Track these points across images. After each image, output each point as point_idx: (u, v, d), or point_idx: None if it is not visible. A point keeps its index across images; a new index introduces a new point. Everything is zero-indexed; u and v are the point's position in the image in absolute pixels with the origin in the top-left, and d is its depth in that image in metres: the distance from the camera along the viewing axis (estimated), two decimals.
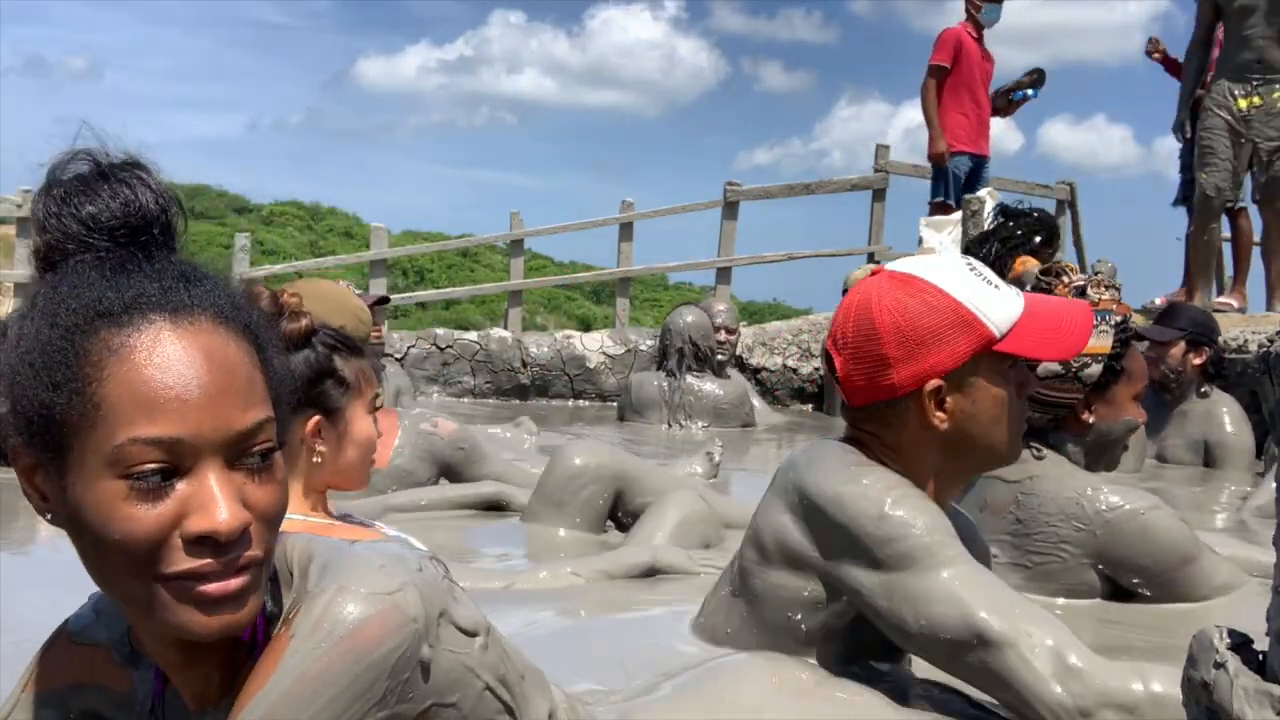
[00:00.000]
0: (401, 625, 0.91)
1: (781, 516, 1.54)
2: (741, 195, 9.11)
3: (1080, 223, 9.68)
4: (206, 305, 0.89)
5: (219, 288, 0.92)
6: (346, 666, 0.89)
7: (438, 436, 3.07)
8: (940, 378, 1.48)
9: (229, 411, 0.86)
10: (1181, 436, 4.12)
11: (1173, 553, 2.12)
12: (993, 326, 1.48)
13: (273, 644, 0.92)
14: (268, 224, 28.13)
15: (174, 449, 0.85)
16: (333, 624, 0.89)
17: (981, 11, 7.62)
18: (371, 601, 0.90)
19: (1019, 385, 1.55)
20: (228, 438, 0.86)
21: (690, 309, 5.79)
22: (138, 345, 0.86)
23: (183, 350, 0.86)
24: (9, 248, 8.65)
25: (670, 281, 26.93)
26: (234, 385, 0.87)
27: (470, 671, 0.97)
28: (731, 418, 5.47)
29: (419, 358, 6.87)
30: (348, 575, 0.92)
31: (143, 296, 0.88)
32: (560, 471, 2.77)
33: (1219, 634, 1.07)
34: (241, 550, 0.86)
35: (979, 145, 7.80)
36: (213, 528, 0.84)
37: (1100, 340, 2.13)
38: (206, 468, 0.86)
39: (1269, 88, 5.62)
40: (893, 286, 1.50)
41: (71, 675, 1.09)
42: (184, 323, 0.88)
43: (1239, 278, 6.47)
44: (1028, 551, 2.18)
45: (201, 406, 0.85)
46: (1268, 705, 0.98)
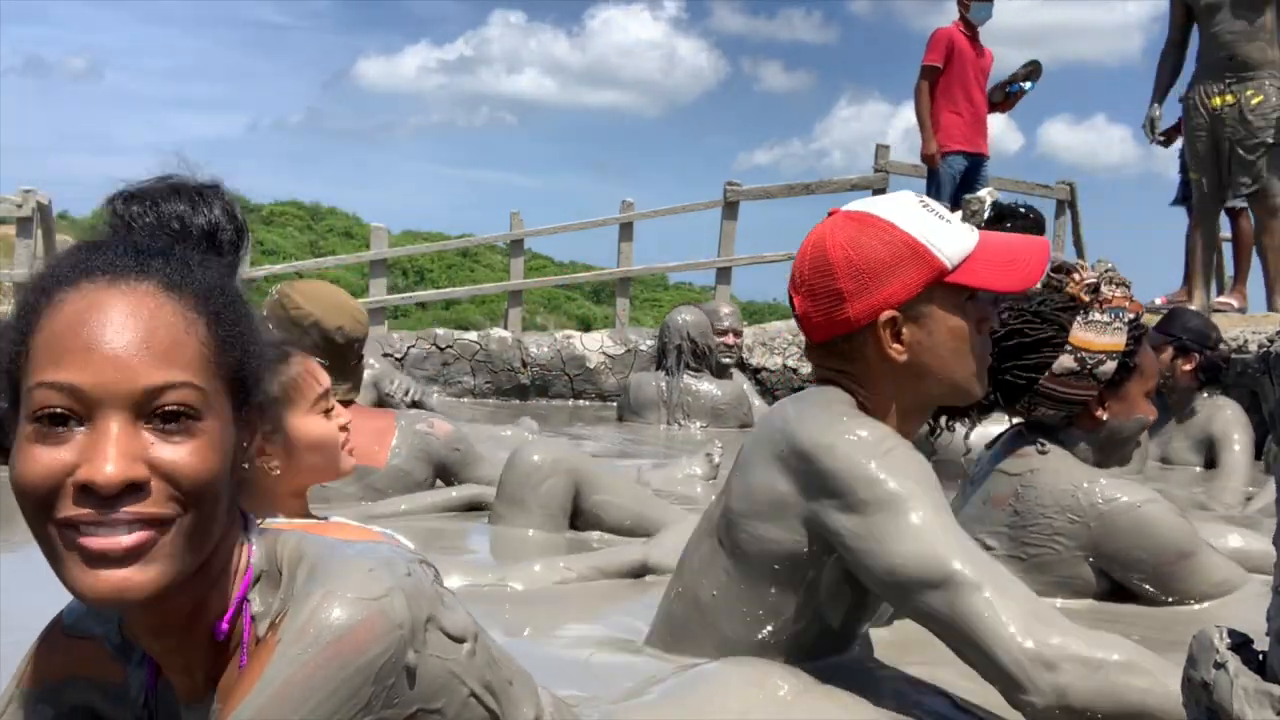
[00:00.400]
0: (387, 631, 0.91)
1: (769, 466, 1.53)
2: (741, 195, 9.12)
3: (1080, 223, 9.67)
4: (156, 273, 0.92)
5: (194, 266, 0.95)
6: (332, 672, 0.89)
7: (434, 436, 3.08)
8: (894, 309, 1.52)
9: (137, 367, 0.88)
10: (1183, 437, 4.12)
11: (1170, 547, 2.10)
12: (944, 258, 1.51)
13: (260, 649, 0.92)
14: (268, 224, 28.12)
15: (75, 395, 0.87)
16: (319, 629, 0.89)
17: (970, 10, 7.63)
18: (358, 607, 0.90)
19: (979, 320, 1.58)
20: (130, 391, 0.87)
21: (689, 308, 5.78)
22: (69, 300, 0.90)
23: (107, 307, 0.89)
24: (9, 248, 8.65)
25: (670, 281, 26.94)
26: (150, 343, 0.89)
27: (456, 678, 0.97)
28: (729, 418, 5.47)
29: (419, 358, 6.87)
30: (335, 580, 0.92)
31: (93, 261, 0.92)
32: (519, 468, 2.75)
33: (1219, 634, 1.07)
34: (131, 504, 0.87)
35: (975, 144, 7.79)
36: (90, 477, 0.86)
37: (1114, 337, 2.14)
38: (109, 419, 0.87)
39: (1241, 85, 5.60)
40: (846, 223, 1.55)
41: (66, 668, 1.10)
42: (121, 284, 0.91)
43: (1239, 278, 6.47)
44: (1023, 544, 2.17)
45: (106, 358, 0.87)
46: (1268, 705, 0.98)
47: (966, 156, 7.76)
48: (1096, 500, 2.11)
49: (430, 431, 3.08)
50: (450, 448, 3.11)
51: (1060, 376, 2.14)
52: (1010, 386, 2.17)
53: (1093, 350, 2.13)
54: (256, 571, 0.98)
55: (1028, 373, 2.15)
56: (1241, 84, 5.59)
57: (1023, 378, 2.15)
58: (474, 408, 6.49)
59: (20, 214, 7.37)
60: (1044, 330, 2.15)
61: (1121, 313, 2.16)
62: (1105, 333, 2.14)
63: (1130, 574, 2.13)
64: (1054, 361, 2.14)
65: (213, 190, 1.02)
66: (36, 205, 7.40)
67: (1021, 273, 1.55)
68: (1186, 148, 6.00)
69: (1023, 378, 2.15)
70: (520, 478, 2.74)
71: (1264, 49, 5.57)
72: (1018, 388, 2.17)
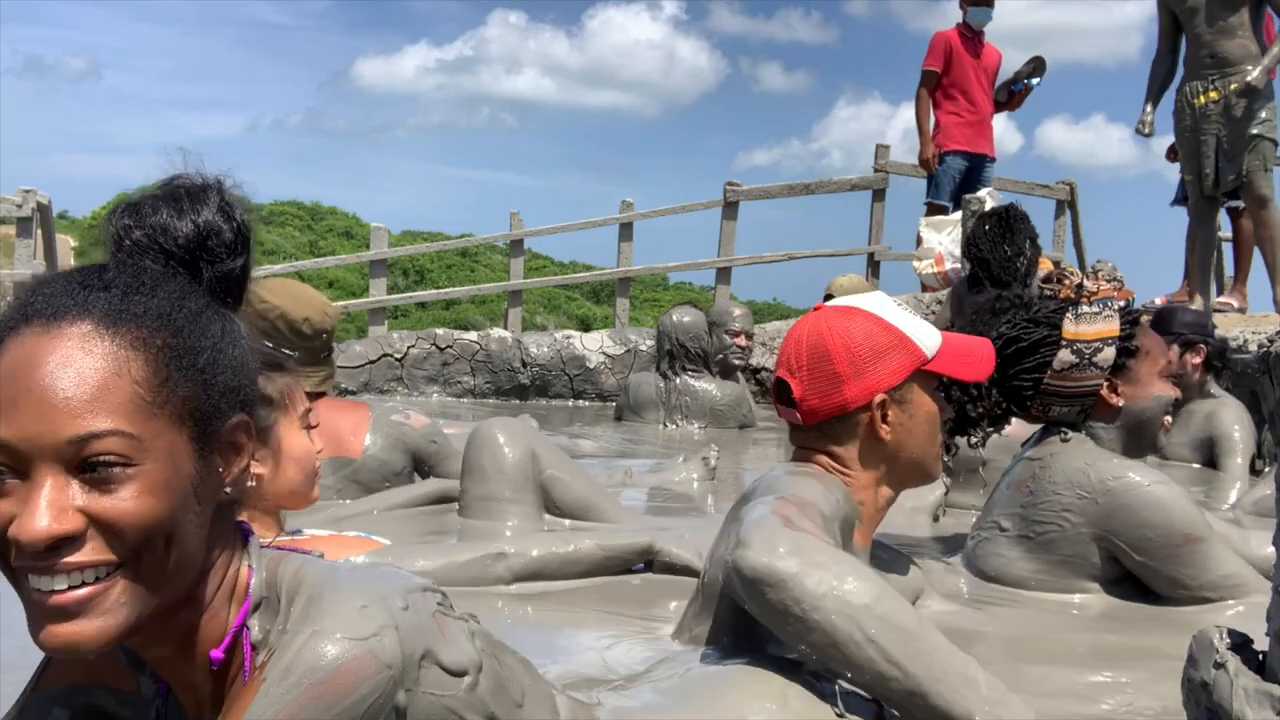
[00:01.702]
0: (375, 672, 0.90)
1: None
2: (741, 195, 9.11)
3: (1080, 223, 9.66)
4: (94, 312, 0.90)
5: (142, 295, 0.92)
6: (316, 713, 0.88)
7: (409, 427, 3.09)
8: (885, 392, 1.67)
9: (59, 419, 0.86)
10: (1184, 435, 4.11)
11: (1177, 529, 2.07)
12: (924, 349, 1.69)
13: (249, 685, 0.91)
14: (267, 224, 28.09)
15: (6, 451, 0.86)
16: (304, 670, 0.88)
17: (969, 14, 7.66)
18: (345, 647, 0.89)
19: (940, 408, 1.76)
20: (54, 444, 0.86)
21: (687, 309, 5.76)
22: (8, 349, 0.89)
23: (37, 357, 0.88)
24: (9, 248, 8.65)
25: (670, 281, 26.94)
26: (75, 394, 0.87)
27: (453, 713, 0.96)
28: (728, 419, 5.45)
29: (419, 358, 6.87)
30: (325, 618, 0.91)
31: (36, 303, 0.91)
32: (486, 443, 2.76)
33: (1219, 634, 1.07)
34: (68, 554, 0.86)
35: (976, 145, 7.80)
36: (18, 534, 0.86)
37: (1105, 325, 2.19)
38: (42, 473, 0.86)
39: (1224, 81, 5.62)
40: (836, 315, 1.70)
41: (81, 674, 1.09)
42: (54, 329, 0.89)
43: (1239, 278, 6.46)
44: (1032, 521, 2.19)
45: (29, 411, 0.86)
46: (1268, 705, 0.98)
47: (967, 157, 7.77)
48: (1106, 477, 2.12)
49: (406, 422, 3.10)
50: (427, 439, 3.12)
51: (1063, 372, 2.18)
52: (1018, 392, 2.21)
53: (1087, 340, 2.18)
54: (256, 598, 0.96)
55: (1030, 374, 2.20)
56: (1224, 79, 5.61)
57: (1027, 379, 2.20)
58: (474, 408, 6.49)
59: (20, 214, 7.36)
60: (1038, 332, 2.21)
61: (1110, 302, 2.22)
62: (1095, 322, 2.19)
63: (1136, 555, 2.10)
64: (1053, 360, 2.17)
65: (207, 191, 1.01)
66: (36, 205, 7.39)
67: (978, 366, 1.75)
68: (1179, 148, 6.02)
69: (1027, 379, 2.20)
70: (490, 452, 2.74)
71: (1244, 44, 5.59)
72: (1025, 392, 2.21)
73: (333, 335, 2.96)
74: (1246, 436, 4.02)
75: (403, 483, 3.08)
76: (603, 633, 1.92)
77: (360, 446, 2.98)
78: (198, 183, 1.01)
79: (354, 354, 6.74)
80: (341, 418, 2.99)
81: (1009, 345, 2.20)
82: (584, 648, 1.84)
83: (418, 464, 3.13)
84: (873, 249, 9.25)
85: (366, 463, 2.98)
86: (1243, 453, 3.99)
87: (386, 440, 3.03)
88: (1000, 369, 2.15)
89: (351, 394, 6.53)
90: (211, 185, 1.01)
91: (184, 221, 0.98)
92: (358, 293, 13.30)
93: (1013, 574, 2.22)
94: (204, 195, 1.00)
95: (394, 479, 3.04)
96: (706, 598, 1.67)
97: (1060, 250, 9.31)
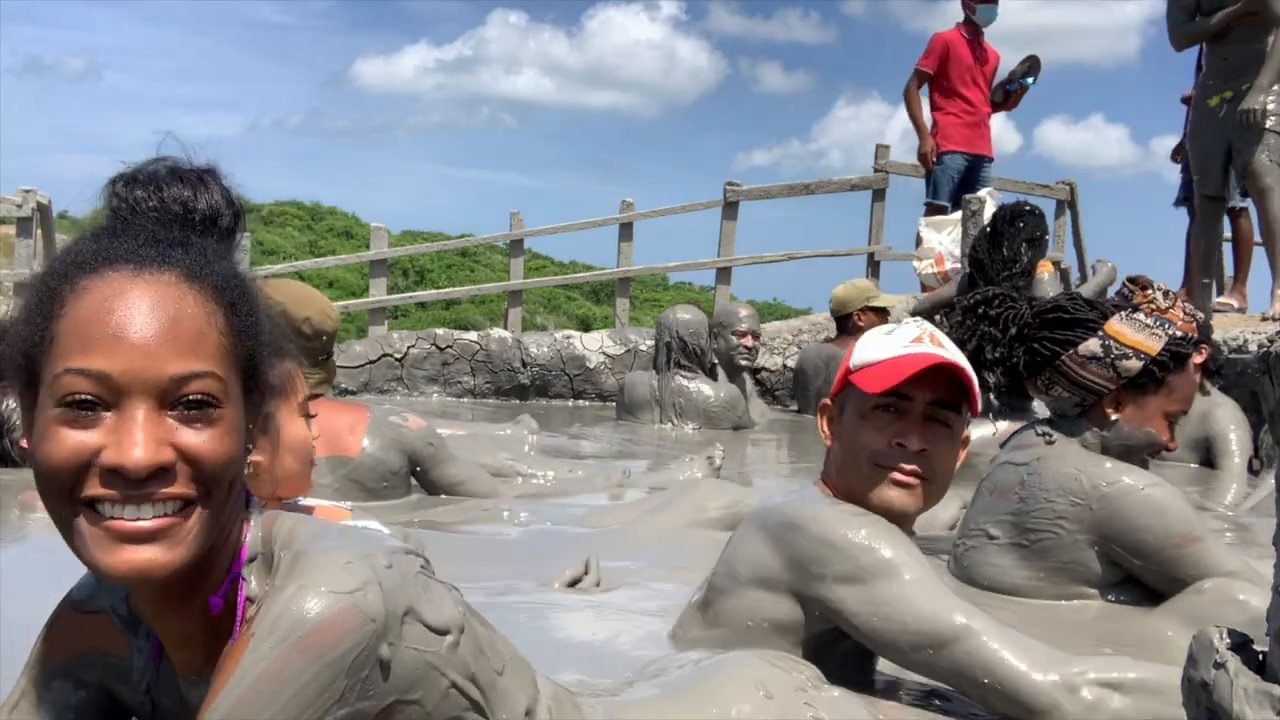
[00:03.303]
0: (359, 625, 0.92)
1: (758, 545, 1.65)
2: (741, 195, 9.11)
3: (1080, 223, 9.66)
4: (177, 264, 0.95)
5: (211, 257, 0.98)
6: (305, 665, 0.90)
7: (406, 429, 3.12)
8: (830, 399, 1.74)
9: (163, 356, 0.91)
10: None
11: (1175, 530, 2.06)
12: (854, 362, 1.70)
13: (239, 642, 0.94)
14: (267, 224, 28.08)
15: (103, 382, 0.90)
16: (291, 624, 0.91)
17: (976, 12, 7.64)
18: (330, 601, 0.92)
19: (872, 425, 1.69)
20: (157, 380, 0.90)
21: (686, 308, 5.75)
22: (94, 288, 0.92)
23: (133, 296, 0.92)
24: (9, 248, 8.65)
25: (670, 281, 26.91)
26: (174, 334, 0.92)
27: (435, 669, 0.98)
28: (722, 420, 5.43)
29: (419, 358, 6.87)
30: (311, 573, 0.94)
31: (116, 249, 0.94)
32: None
33: (1219, 634, 1.07)
34: (159, 486, 0.90)
35: (975, 145, 7.80)
36: (120, 461, 0.89)
37: (1148, 339, 2.16)
38: (135, 406, 0.90)
39: (1238, 81, 5.61)
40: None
41: (78, 644, 1.12)
42: (145, 274, 0.93)
43: (1239, 278, 6.46)
44: (1025, 529, 2.17)
45: (134, 347, 0.90)
46: (1268, 705, 0.98)
47: (966, 157, 7.77)
48: (1100, 483, 2.10)
49: (403, 424, 3.12)
50: (424, 441, 3.14)
51: (1081, 357, 2.16)
52: (1035, 354, 2.19)
53: (1121, 342, 2.15)
54: (252, 551, 1.00)
55: (1054, 345, 2.18)
56: (1238, 79, 5.60)
57: (1049, 348, 2.18)
58: (474, 408, 6.49)
59: (20, 214, 7.36)
60: (1084, 311, 2.19)
61: (1168, 325, 2.18)
62: (1140, 331, 2.16)
63: (1135, 559, 2.09)
64: (1081, 343, 2.16)
65: (211, 174, 1.04)
66: (36, 205, 7.39)
67: (881, 379, 1.66)
68: (1189, 147, 6.00)
69: (1049, 348, 2.18)
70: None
71: (1258, 49, 5.58)
72: (1042, 359, 2.19)
73: (333, 339, 2.97)
74: (1243, 436, 4.02)
75: (399, 483, 3.09)
76: (598, 630, 1.92)
77: (358, 446, 2.99)
78: (198, 166, 1.04)
79: (354, 354, 6.74)
80: (339, 418, 3.00)
81: (1054, 310, 2.18)
82: (579, 644, 1.84)
83: (413, 465, 3.14)
84: (873, 249, 9.25)
85: (364, 462, 2.99)
86: (1239, 452, 3.98)
87: (384, 441, 3.04)
88: (1033, 327, 2.18)
89: (351, 394, 6.53)
90: (211, 169, 1.04)
91: (199, 199, 1.02)
92: (358, 293, 13.29)
93: (1007, 582, 2.20)
94: (209, 177, 1.04)
95: (391, 479, 3.05)
96: (711, 597, 1.67)
97: (1060, 250, 9.31)
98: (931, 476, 1.67)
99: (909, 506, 1.65)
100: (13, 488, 3.28)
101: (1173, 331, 2.17)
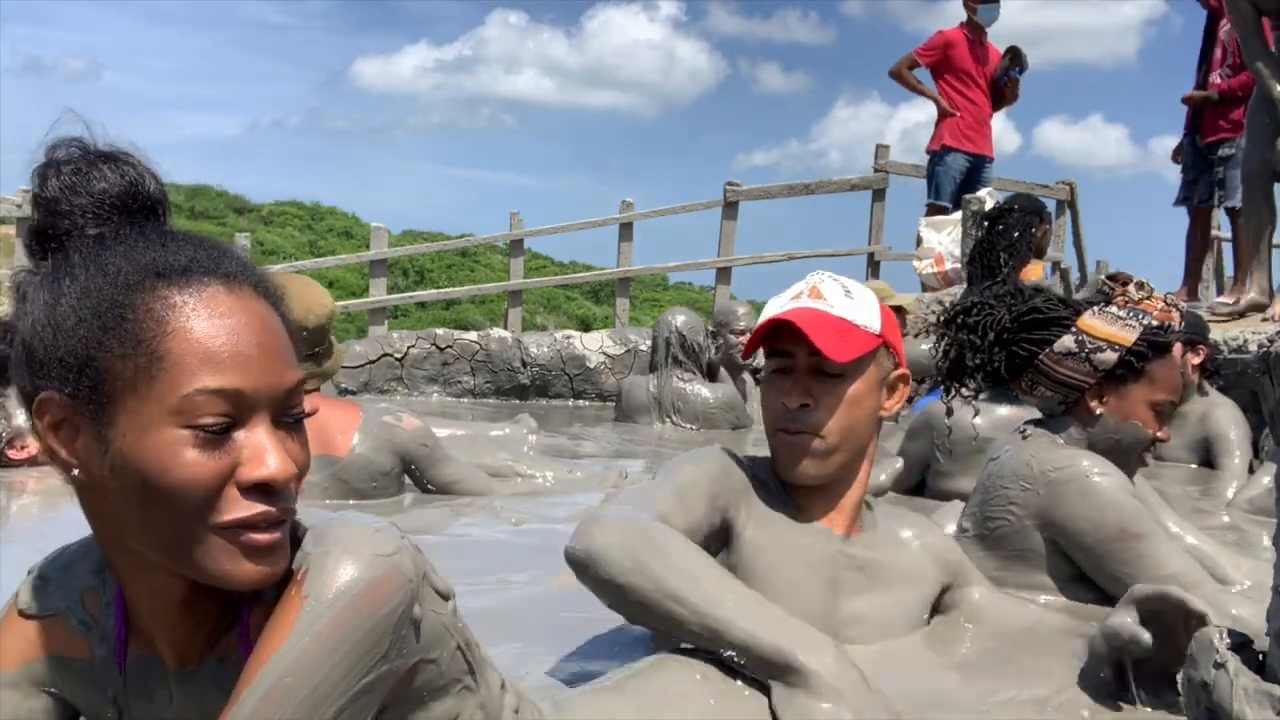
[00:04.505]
0: (402, 584, 0.96)
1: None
2: (741, 195, 9.11)
3: (1080, 223, 9.66)
4: (247, 275, 0.96)
5: (250, 264, 0.98)
6: (359, 623, 0.93)
7: (400, 429, 3.09)
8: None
9: (280, 369, 0.93)
10: (1179, 436, 4.11)
11: (1111, 521, 2.00)
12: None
13: (284, 605, 0.94)
14: (267, 224, 28.09)
15: (235, 401, 0.90)
16: (344, 583, 0.93)
17: (978, 12, 7.64)
18: (376, 563, 0.95)
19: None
20: (278, 393, 0.93)
21: (682, 309, 5.76)
22: (198, 303, 0.91)
23: (239, 310, 0.92)
24: (9, 248, 8.65)
25: (670, 281, 26.93)
26: (280, 346, 0.94)
27: (447, 630, 1.03)
28: (719, 421, 5.44)
29: (419, 358, 6.87)
30: (349, 539, 0.96)
31: (196, 260, 0.93)
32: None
33: (1219, 634, 1.07)
34: (287, 501, 0.93)
35: (977, 145, 7.81)
36: (270, 475, 0.90)
37: (1121, 330, 2.15)
38: (259, 421, 0.92)
39: None
40: None
41: (28, 653, 1.08)
42: (234, 287, 0.93)
43: (1239, 278, 6.45)
44: (986, 518, 2.18)
45: (259, 362, 0.91)
46: (1268, 705, 0.98)
47: (968, 157, 7.77)
48: (1047, 468, 2.09)
49: (396, 424, 3.09)
50: (417, 442, 3.11)
51: (1057, 354, 2.16)
52: (1014, 357, 2.21)
53: (1093, 335, 2.15)
54: None
55: (1032, 345, 2.18)
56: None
57: (1026, 349, 2.19)
58: (474, 408, 6.49)
59: (20, 214, 7.36)
60: (1059, 310, 2.19)
61: (1142, 315, 2.17)
62: (1112, 324, 2.16)
63: (1076, 550, 2.06)
64: (1058, 340, 2.16)
65: (126, 156, 0.99)
66: None
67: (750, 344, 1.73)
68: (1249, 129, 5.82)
69: (1026, 349, 2.19)
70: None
71: None
72: (1021, 360, 2.20)
73: (322, 332, 2.95)
74: (1242, 436, 4.02)
75: (391, 484, 3.08)
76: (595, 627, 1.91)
77: (347, 446, 2.98)
78: (107, 149, 0.99)
79: (354, 354, 6.74)
80: (332, 416, 2.99)
81: (1030, 313, 2.19)
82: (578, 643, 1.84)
83: (407, 466, 3.12)
84: (873, 249, 9.25)
85: (353, 461, 2.98)
86: (1239, 452, 3.99)
87: (375, 441, 3.03)
88: (1012, 331, 2.18)
89: (352, 394, 6.53)
90: (125, 152, 0.99)
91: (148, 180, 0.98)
92: (358, 293, 13.29)
93: None
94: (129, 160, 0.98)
95: (381, 480, 3.04)
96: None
97: (1060, 250, 9.31)
98: (822, 431, 1.64)
99: (804, 468, 1.66)
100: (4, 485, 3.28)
101: (1148, 321, 2.16)
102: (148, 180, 0.98)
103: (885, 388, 1.72)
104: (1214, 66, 6.22)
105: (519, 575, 2.36)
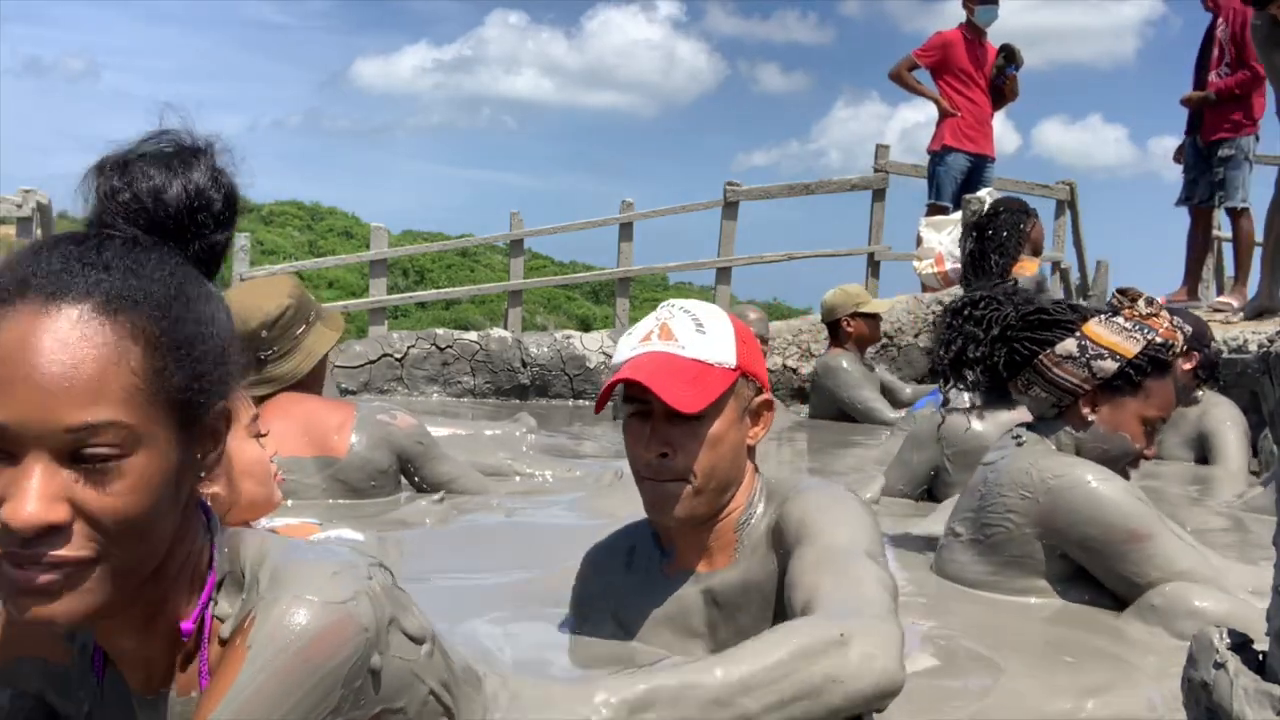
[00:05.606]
0: (355, 634, 0.91)
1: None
2: (741, 195, 9.11)
3: (1080, 223, 9.66)
4: (94, 295, 0.87)
5: (145, 276, 0.89)
6: (304, 676, 0.89)
7: (395, 427, 3.08)
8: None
9: (59, 406, 0.84)
10: (1176, 434, 4.11)
11: (1119, 525, 2.03)
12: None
13: (228, 655, 0.92)
14: (267, 224, 28.11)
15: (1, 433, 0.84)
16: (289, 635, 0.89)
17: (976, 13, 7.64)
18: (326, 611, 0.90)
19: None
20: (52, 431, 0.84)
21: None
22: (3, 326, 0.86)
23: (32, 336, 0.85)
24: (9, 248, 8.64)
25: (670, 281, 26.91)
26: (72, 379, 0.84)
27: (417, 678, 0.98)
28: None
29: (419, 358, 6.87)
30: (301, 583, 0.92)
31: (35, 276, 0.87)
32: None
33: (1219, 634, 1.07)
34: (51, 547, 0.84)
35: (978, 145, 7.81)
36: (8, 519, 0.83)
37: (1124, 341, 2.16)
38: (34, 459, 0.84)
39: None
40: None
41: (18, 649, 1.08)
42: (53, 308, 0.86)
43: (1239, 278, 6.46)
44: (981, 525, 2.19)
45: (28, 395, 0.84)
46: (1268, 705, 0.98)
47: (969, 157, 7.77)
48: (1047, 476, 2.10)
49: (391, 422, 3.08)
50: (413, 440, 3.10)
51: (1057, 356, 2.17)
52: (1015, 354, 2.21)
53: (1096, 342, 2.16)
54: (220, 574, 0.97)
55: (1034, 345, 2.19)
56: None
57: (1028, 348, 2.20)
58: (474, 407, 6.49)
59: (20, 214, 7.35)
60: (1066, 315, 2.20)
61: (1146, 329, 2.18)
62: (1117, 334, 2.17)
63: (1081, 554, 2.08)
64: (1060, 342, 2.17)
65: (199, 155, 0.97)
66: (36, 205, 7.39)
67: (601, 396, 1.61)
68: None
69: (1028, 348, 2.20)
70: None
71: None
72: (1021, 359, 2.21)
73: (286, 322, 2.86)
74: (1240, 433, 4.02)
75: (387, 482, 3.07)
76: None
77: (345, 445, 2.97)
78: (188, 144, 0.97)
79: (354, 354, 6.74)
80: (327, 417, 2.98)
81: (1036, 312, 2.20)
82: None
83: (403, 464, 3.12)
84: (873, 249, 9.25)
85: (351, 461, 2.97)
86: (1237, 449, 3.98)
87: (371, 439, 3.02)
88: (1016, 329, 2.19)
89: (352, 394, 6.53)
90: (203, 148, 0.98)
91: (174, 188, 0.94)
92: (358, 293, 13.29)
93: (969, 577, 2.22)
94: (195, 159, 0.96)
95: (379, 478, 3.03)
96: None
97: (1060, 250, 9.31)
98: (688, 476, 1.55)
99: (673, 513, 1.56)
100: None
101: (1152, 337, 2.17)
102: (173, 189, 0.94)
103: (748, 416, 1.64)
104: (1212, 66, 6.22)
105: (517, 574, 2.36)
